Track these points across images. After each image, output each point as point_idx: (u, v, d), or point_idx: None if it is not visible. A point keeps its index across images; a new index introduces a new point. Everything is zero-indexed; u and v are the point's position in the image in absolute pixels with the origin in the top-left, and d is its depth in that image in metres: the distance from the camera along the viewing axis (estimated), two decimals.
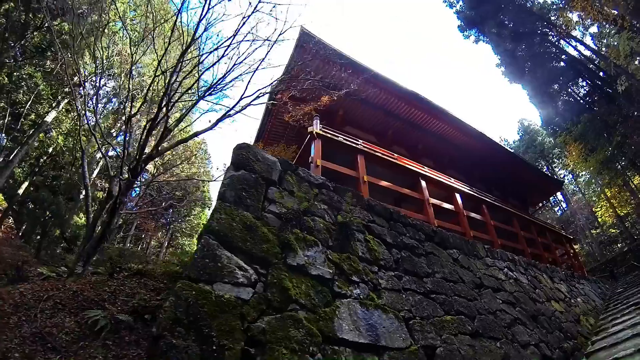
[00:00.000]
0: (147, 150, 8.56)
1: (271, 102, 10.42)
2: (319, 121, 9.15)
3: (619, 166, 25.66)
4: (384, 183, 8.90)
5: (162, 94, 8.55)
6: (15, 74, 16.34)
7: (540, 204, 26.96)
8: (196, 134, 9.48)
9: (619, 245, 35.20)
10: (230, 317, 2.97)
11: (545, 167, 42.50)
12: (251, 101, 8.73)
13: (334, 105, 12.46)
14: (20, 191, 18.75)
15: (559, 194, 43.54)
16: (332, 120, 12.98)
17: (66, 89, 17.41)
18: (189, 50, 8.63)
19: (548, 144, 43.45)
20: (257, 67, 8.84)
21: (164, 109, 7.95)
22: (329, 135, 8.38)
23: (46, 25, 14.43)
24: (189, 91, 9.63)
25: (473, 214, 11.28)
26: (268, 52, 8.88)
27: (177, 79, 8.57)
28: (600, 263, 30.20)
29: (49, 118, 17.86)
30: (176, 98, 8.53)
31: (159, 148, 8.49)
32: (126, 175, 7.95)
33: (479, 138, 16.06)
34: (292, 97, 10.16)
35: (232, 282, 3.26)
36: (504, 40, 23.88)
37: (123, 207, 7.95)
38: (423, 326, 4.60)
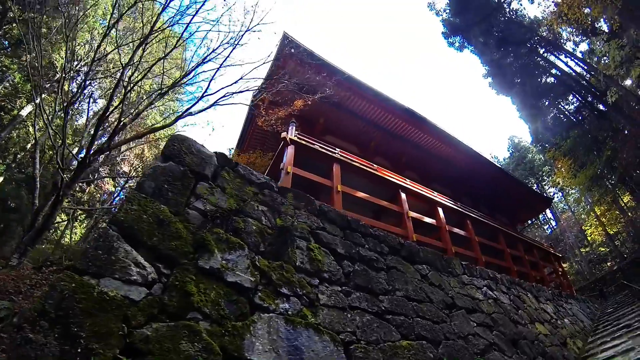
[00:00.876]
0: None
1: (241, 103, 9.87)
2: (294, 128, 8.90)
3: (609, 184, 25.21)
4: (360, 194, 8.48)
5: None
6: None
7: (529, 221, 26.58)
8: (152, 131, 9.13)
9: (608, 263, 34.89)
10: (111, 318, 2.57)
11: (535, 184, 42.24)
12: (217, 100, 8.39)
13: (314, 113, 12.41)
14: None
15: (548, 211, 43.36)
16: (313, 129, 12.73)
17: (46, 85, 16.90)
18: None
19: (538, 162, 43.35)
20: (222, 63, 8.50)
21: (116, 103, 7.66)
22: (304, 142, 8.07)
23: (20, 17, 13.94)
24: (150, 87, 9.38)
25: (456, 230, 10.85)
26: (232, 49, 8.51)
27: (133, 74, 8.28)
28: (589, 282, 29.71)
29: (24, 112, 17.32)
30: (136, 92, 8.25)
31: (111, 142, 8.21)
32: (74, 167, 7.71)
33: (465, 152, 15.64)
34: (270, 102, 9.97)
35: (123, 278, 2.83)
36: (491, 49, 23.52)
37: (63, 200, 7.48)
38: (368, 352, 3.98)
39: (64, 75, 9.69)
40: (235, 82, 9.22)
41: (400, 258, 6.36)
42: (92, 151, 7.64)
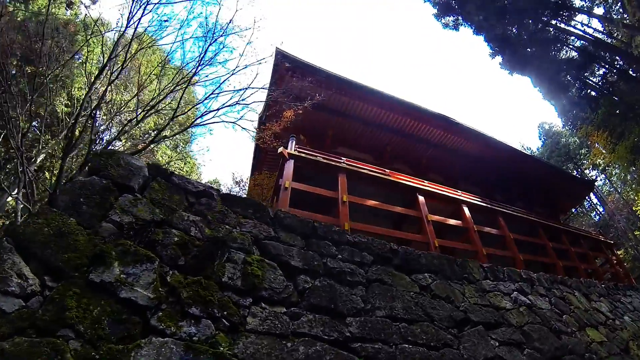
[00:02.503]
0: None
1: (225, 121, 9.61)
2: (294, 142, 8.43)
3: None
4: (370, 202, 7.82)
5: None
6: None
7: (573, 210, 24.93)
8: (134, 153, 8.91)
9: None
10: None
11: (574, 170, 40.08)
12: (193, 122, 8.11)
13: (322, 126, 12.26)
14: None
15: (592, 197, 41.22)
16: (322, 143, 12.35)
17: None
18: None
19: (573, 145, 41.17)
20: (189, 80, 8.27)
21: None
22: (304, 155, 7.61)
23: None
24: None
25: (488, 229, 9.89)
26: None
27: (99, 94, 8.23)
28: None
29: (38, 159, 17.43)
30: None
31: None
32: None
33: (491, 145, 14.71)
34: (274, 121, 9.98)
35: (1, 289, 2.63)
36: (492, 24, 21.67)
37: None
38: None
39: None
40: (222, 107, 9.51)
41: (392, 268, 5.42)
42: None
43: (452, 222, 9.13)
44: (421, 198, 8.81)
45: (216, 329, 3.20)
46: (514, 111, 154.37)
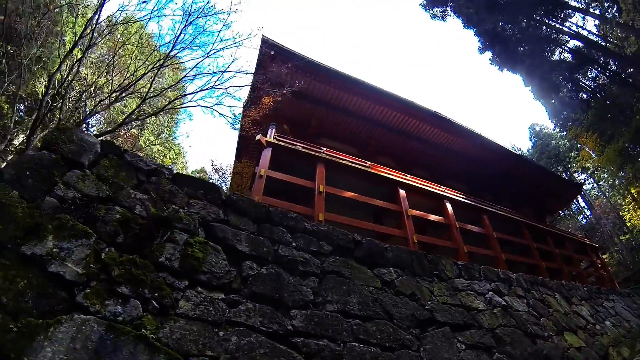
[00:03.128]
0: None
1: (200, 105, 9.23)
2: (274, 130, 8.21)
3: None
4: (348, 194, 7.56)
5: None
6: None
7: (561, 213, 24.76)
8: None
9: None
10: None
11: (563, 173, 39.99)
12: (166, 105, 7.67)
13: (305, 116, 11.99)
14: None
15: (581, 200, 41.35)
16: (305, 133, 12.04)
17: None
18: None
19: (563, 147, 41.10)
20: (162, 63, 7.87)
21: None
22: (283, 144, 7.54)
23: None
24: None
25: (471, 226, 9.64)
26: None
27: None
28: (633, 272, 27.84)
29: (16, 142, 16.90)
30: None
31: None
32: None
33: (479, 142, 14.37)
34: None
35: None
36: (482, 17, 21.12)
37: None
38: None
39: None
40: (197, 91, 9.34)
41: (352, 260, 5.04)
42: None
43: (433, 217, 8.87)
44: (402, 192, 8.56)
45: (144, 310, 2.96)
46: (505, 111, 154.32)
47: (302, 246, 4.62)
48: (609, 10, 19.89)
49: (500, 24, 21.06)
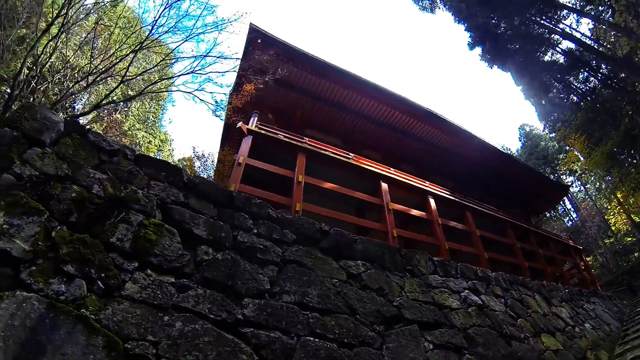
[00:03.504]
0: None
1: (181, 90, 9.00)
2: (256, 118, 8.22)
3: (631, 163, 22.81)
4: (327, 185, 7.44)
5: None
6: None
7: (547, 214, 24.75)
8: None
9: (636, 254, 32.76)
10: None
11: (551, 175, 40.06)
12: (144, 89, 7.46)
13: (290, 106, 11.86)
14: None
15: (567, 202, 41.47)
16: (290, 123, 11.84)
17: None
18: None
19: (552, 149, 41.13)
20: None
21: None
22: (264, 132, 7.38)
23: None
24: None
25: (454, 223, 9.51)
26: None
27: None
28: (616, 275, 27.95)
29: None
30: None
31: None
32: None
33: (467, 139, 14.21)
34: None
35: None
36: (472, 10, 20.74)
37: None
38: None
39: None
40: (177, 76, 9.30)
41: (317, 251, 4.79)
42: None
43: (415, 212, 8.69)
44: (384, 185, 8.41)
45: (89, 290, 2.83)
46: (495, 110, 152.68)
47: (263, 233, 4.40)
48: (603, 15, 19.78)
49: (492, 20, 20.76)
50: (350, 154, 8.93)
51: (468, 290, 6.16)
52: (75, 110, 17.72)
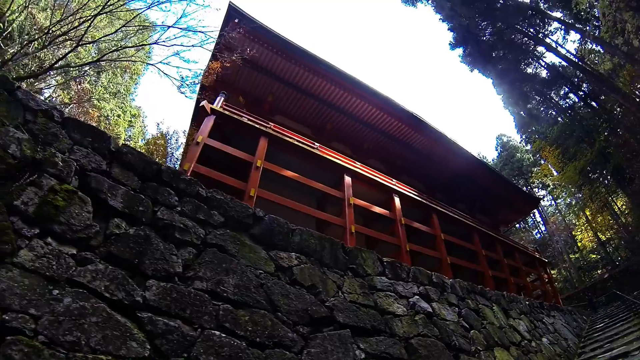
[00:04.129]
0: None
1: (131, 60, 8.39)
2: (223, 99, 7.70)
3: (601, 180, 23.00)
4: (288, 173, 7.03)
5: None
6: None
7: (517, 225, 24.74)
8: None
9: (599, 271, 33.31)
10: None
11: (524, 187, 40.36)
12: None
13: (262, 91, 11.43)
14: None
15: (537, 216, 41.97)
16: (260, 108, 11.54)
17: None
18: None
19: (527, 162, 41.49)
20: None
21: None
22: (227, 113, 7.04)
23: None
24: None
25: (418, 225, 9.16)
26: None
27: None
28: (578, 290, 28.48)
29: None
30: None
31: None
32: None
33: (440, 141, 13.80)
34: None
35: None
36: (455, 9, 20.38)
37: None
38: None
39: None
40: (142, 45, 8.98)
41: (246, 237, 4.24)
42: None
43: (377, 210, 8.35)
44: (348, 179, 8.08)
45: None
46: (474, 117, 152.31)
47: (188, 212, 3.88)
48: (590, 30, 19.73)
49: (477, 22, 20.46)
50: (316, 143, 8.54)
51: (418, 296, 5.68)
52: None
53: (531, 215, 41.18)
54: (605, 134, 19.15)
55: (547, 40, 21.58)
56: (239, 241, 4.02)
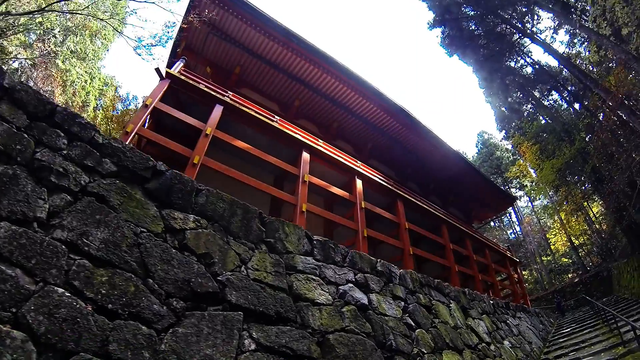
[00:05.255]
0: None
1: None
2: (182, 64, 7.37)
3: (579, 184, 22.60)
4: (239, 143, 6.43)
5: None
6: None
7: (491, 222, 24.33)
8: None
9: (569, 275, 33.41)
10: None
11: (502, 185, 40.15)
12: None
13: (229, 61, 10.77)
14: None
15: (513, 216, 41.98)
16: (227, 79, 10.88)
17: None
18: None
19: (506, 160, 41.37)
20: None
21: None
22: (183, 78, 6.47)
23: None
24: None
25: (380, 210, 8.37)
26: None
27: None
28: (547, 292, 28.57)
29: None
30: None
31: None
32: None
33: (412, 126, 12.94)
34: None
35: None
36: None
37: None
38: None
39: None
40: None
41: (138, 190, 3.56)
42: None
43: (336, 190, 7.58)
44: (305, 155, 7.41)
45: None
46: (456, 114, 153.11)
47: (75, 157, 3.32)
48: (577, 18, 19.17)
49: (459, 3, 19.61)
50: (276, 117, 7.88)
51: (353, 284, 4.85)
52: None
53: (507, 215, 41.25)
54: (582, 134, 18.69)
55: (534, 30, 20.89)
56: (127, 194, 3.41)
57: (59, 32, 19.19)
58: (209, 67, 10.75)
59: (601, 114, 18.26)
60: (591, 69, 19.19)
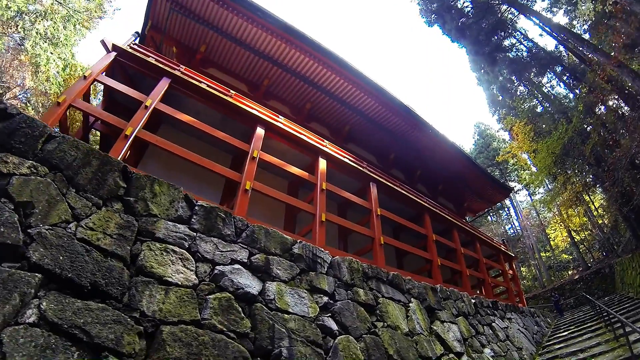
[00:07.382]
0: None
1: None
2: (134, 38, 7.12)
3: (574, 169, 21.39)
4: (184, 117, 5.73)
5: None
6: None
7: (484, 213, 23.35)
8: None
9: (569, 272, 32.48)
10: None
11: (500, 178, 39.21)
12: None
13: (194, 39, 10.19)
14: None
15: (511, 210, 41.13)
16: (192, 58, 10.36)
17: None
18: None
19: (504, 152, 40.48)
20: None
21: None
22: (130, 51, 6.06)
23: None
24: None
25: (348, 194, 7.36)
26: None
27: None
28: (545, 290, 27.65)
29: None
30: None
31: None
32: None
33: (396, 107, 11.85)
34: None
35: None
36: None
37: None
38: None
39: None
40: None
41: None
42: None
43: (294, 170, 6.65)
44: (260, 131, 6.50)
45: None
46: (453, 106, 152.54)
47: None
48: None
49: None
50: (232, 91, 7.17)
51: (242, 266, 3.66)
52: None
53: (505, 209, 40.37)
54: (583, 114, 17.54)
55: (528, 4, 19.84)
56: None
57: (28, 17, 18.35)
58: (175, 46, 10.19)
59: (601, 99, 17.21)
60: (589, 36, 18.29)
